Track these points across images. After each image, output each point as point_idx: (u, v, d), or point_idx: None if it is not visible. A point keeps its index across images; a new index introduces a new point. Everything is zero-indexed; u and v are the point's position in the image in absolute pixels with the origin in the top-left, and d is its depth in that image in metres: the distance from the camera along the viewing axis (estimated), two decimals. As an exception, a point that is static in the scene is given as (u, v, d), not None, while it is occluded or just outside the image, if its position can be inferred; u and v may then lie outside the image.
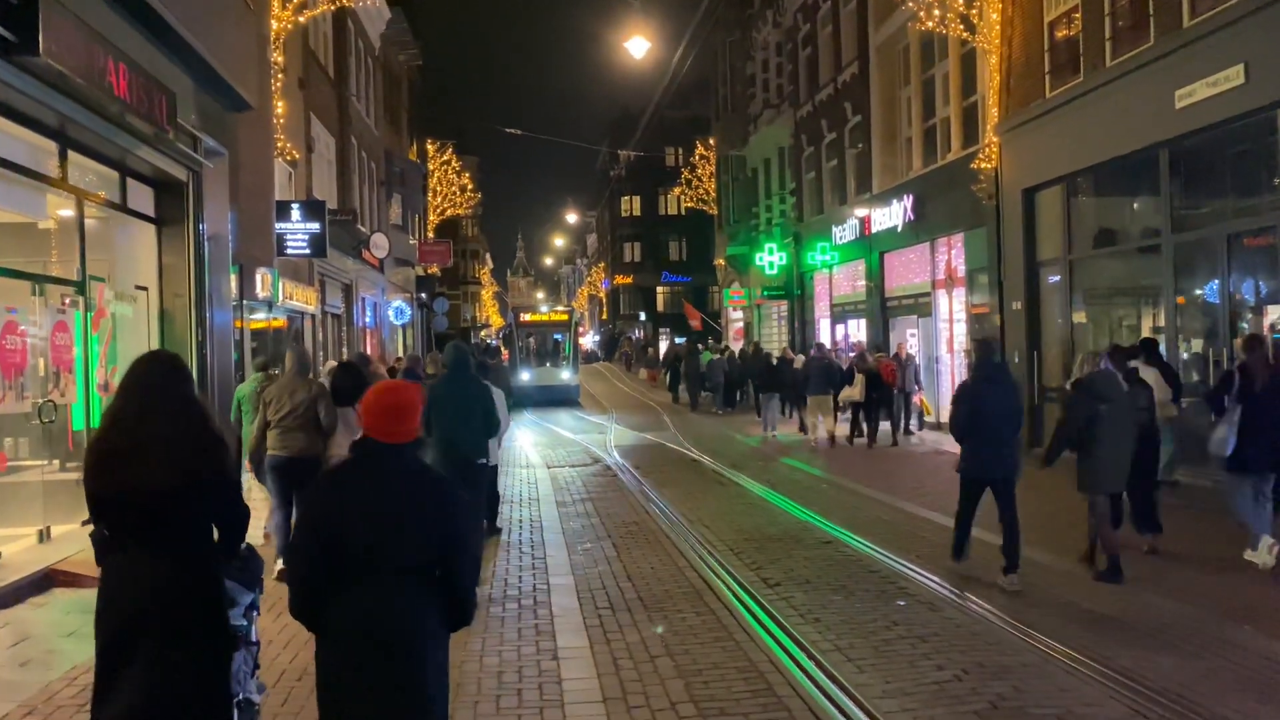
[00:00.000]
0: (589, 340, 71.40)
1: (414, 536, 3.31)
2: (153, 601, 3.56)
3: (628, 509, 11.88)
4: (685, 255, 65.86)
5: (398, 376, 10.92)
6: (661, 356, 42.49)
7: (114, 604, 3.62)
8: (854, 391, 17.95)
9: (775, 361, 21.57)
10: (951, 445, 10.44)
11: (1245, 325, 12.02)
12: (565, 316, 34.16)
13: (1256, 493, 8.10)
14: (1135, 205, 14.55)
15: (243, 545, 4.06)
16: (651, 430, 22.04)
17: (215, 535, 3.90)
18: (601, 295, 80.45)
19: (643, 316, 69.36)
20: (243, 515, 4.02)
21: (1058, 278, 15.83)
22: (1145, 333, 13.27)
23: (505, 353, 33.78)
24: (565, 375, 31.34)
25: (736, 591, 7.70)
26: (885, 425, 18.27)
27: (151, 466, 3.57)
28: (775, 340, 31.03)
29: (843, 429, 18.69)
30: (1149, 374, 9.29)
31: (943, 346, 20.19)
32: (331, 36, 23.57)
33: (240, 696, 4.05)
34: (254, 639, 4.24)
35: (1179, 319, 12.95)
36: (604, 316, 79.39)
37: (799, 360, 20.02)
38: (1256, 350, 8.29)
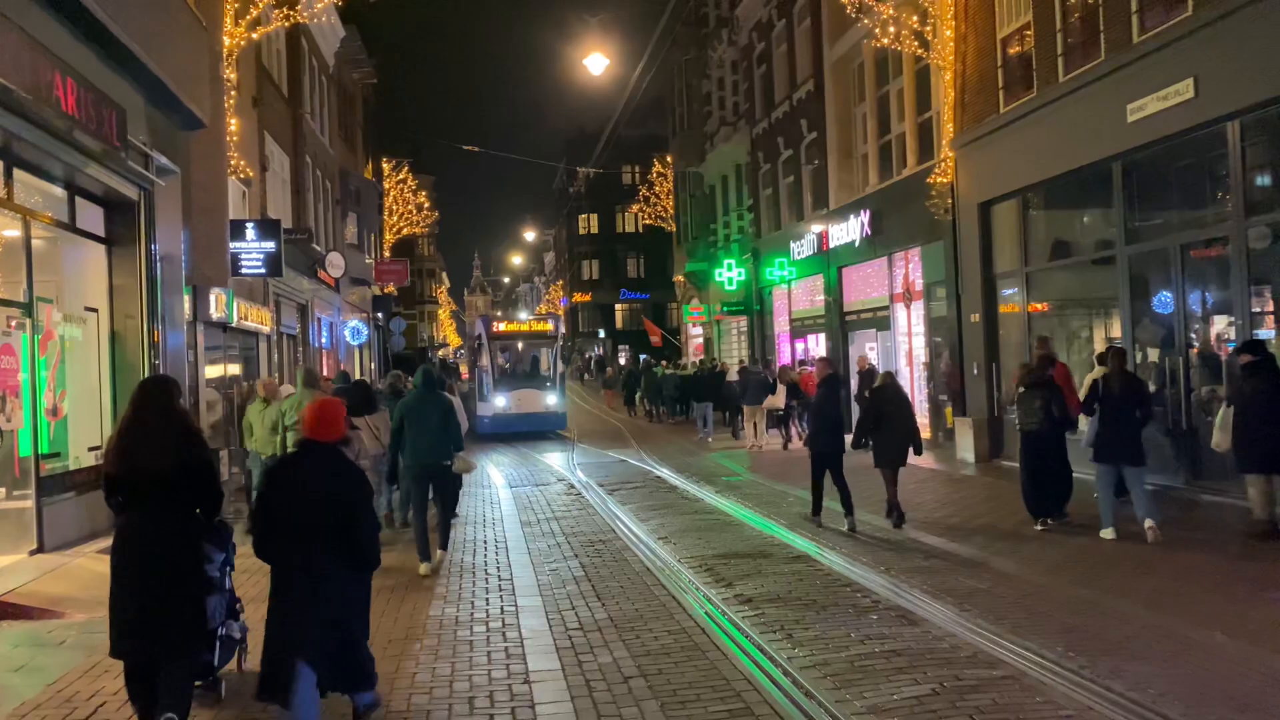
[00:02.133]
0: None
1: (333, 505, 5.02)
2: (149, 547, 4.98)
3: (593, 527, 11.76)
4: (643, 272, 66.03)
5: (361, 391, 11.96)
6: (618, 373, 42.40)
7: (122, 549, 5.07)
8: (776, 400, 20.44)
9: (705, 374, 26.20)
10: (911, 458, 11.39)
11: (1194, 336, 12.25)
12: (548, 327, 27.24)
13: (1121, 481, 9.64)
14: (1089, 218, 14.78)
15: (216, 518, 5.43)
16: (614, 446, 21.93)
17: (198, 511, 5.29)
18: (560, 313, 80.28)
19: (602, 334, 69.30)
20: (217, 492, 5.32)
21: (1014, 290, 16.01)
22: (1100, 343, 13.47)
23: (465, 371, 32.83)
24: (550, 400, 24.93)
25: (708, 609, 7.62)
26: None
27: (152, 454, 5.02)
28: (735, 356, 31.09)
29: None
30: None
31: (901, 360, 20.33)
32: (285, 54, 23.29)
33: (222, 632, 5.56)
34: (228, 587, 5.71)
35: (1134, 329, 13.13)
36: (564, 333, 79.18)
37: (732, 373, 24.22)
38: (1116, 362, 9.88)
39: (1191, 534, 9.56)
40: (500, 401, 24.39)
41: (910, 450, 11.01)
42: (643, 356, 41.19)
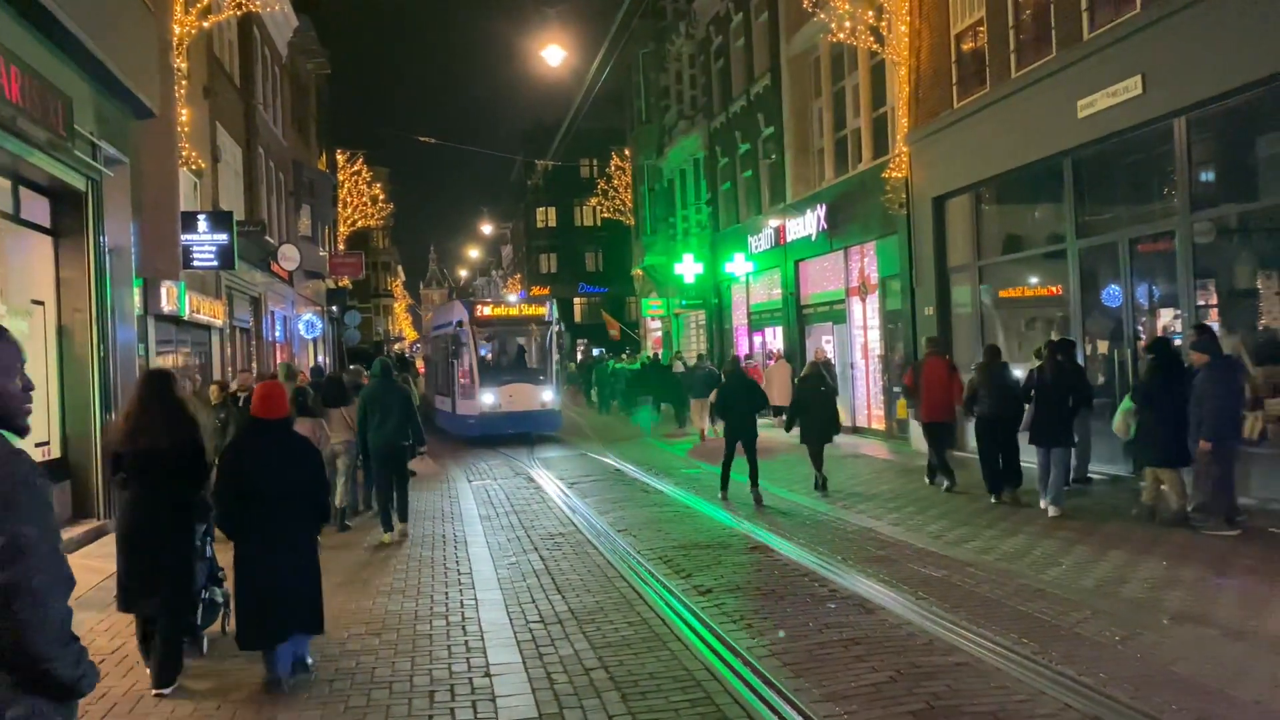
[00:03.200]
0: None
1: (287, 475, 5.83)
2: (147, 516, 5.75)
3: (554, 520, 11.75)
4: (602, 266, 65.89)
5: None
6: (578, 368, 42.31)
7: (124, 518, 5.97)
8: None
9: (651, 368, 26.90)
10: (866, 449, 11.29)
11: (1142, 329, 12.51)
12: (542, 311, 22.93)
13: (1050, 460, 10.59)
14: (1041, 212, 15.01)
15: (201, 491, 6.06)
16: (573, 439, 21.89)
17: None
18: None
19: (561, 327, 69.01)
20: (204, 470, 6.04)
21: (967, 283, 16.23)
22: (1053, 334, 13.69)
23: (421, 366, 32.33)
24: (545, 396, 21.60)
25: (668, 600, 7.65)
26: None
27: (152, 435, 5.81)
28: (695, 348, 31.19)
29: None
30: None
31: (857, 352, 20.54)
32: (237, 44, 22.91)
33: (205, 597, 6.27)
34: (209, 555, 6.41)
35: (1085, 321, 13.37)
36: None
37: (677, 366, 25.03)
38: (1049, 353, 10.94)
39: (1136, 523, 9.77)
40: (488, 399, 20.83)
41: (832, 431, 13.04)
42: (596, 351, 41.17)
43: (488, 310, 22.78)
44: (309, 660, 6.01)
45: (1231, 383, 9.28)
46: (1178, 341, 10.92)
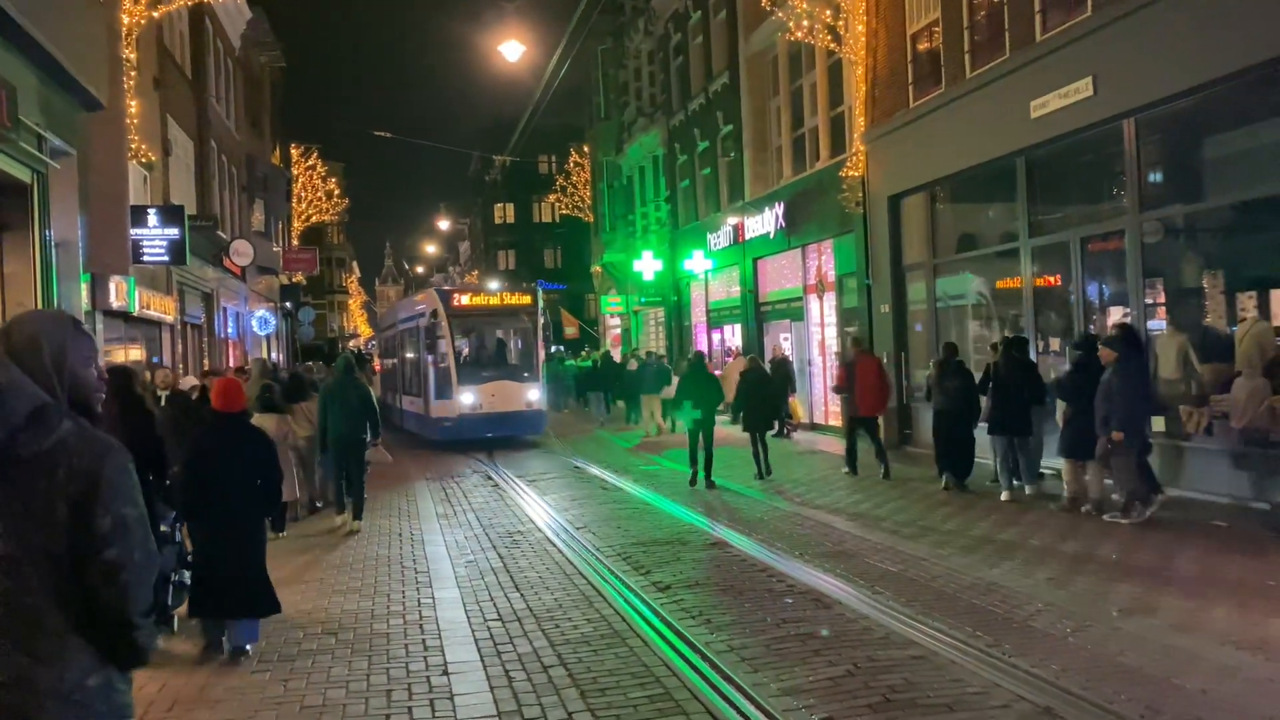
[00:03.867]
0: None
1: (245, 464, 6.35)
2: None
3: (512, 518, 11.69)
4: (561, 263, 65.67)
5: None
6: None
7: None
8: (671, 389, 20.78)
9: (602, 365, 27.41)
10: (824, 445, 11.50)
11: (1093, 327, 12.73)
12: (526, 300, 21.08)
13: (1007, 449, 11.27)
14: (994, 211, 15.21)
15: (167, 482, 6.71)
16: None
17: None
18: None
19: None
20: (167, 461, 6.69)
21: (922, 281, 16.42)
22: (1007, 332, 13.88)
23: (377, 364, 31.50)
24: (531, 395, 19.77)
25: (627, 597, 7.65)
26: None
27: (111, 428, 6.70)
28: (655, 346, 31.21)
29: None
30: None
31: (814, 350, 20.69)
32: (188, 35, 22.51)
33: (175, 579, 6.79)
34: (178, 540, 6.93)
35: (1037, 318, 13.58)
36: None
37: (633, 364, 24.73)
38: (1004, 348, 11.55)
39: (1087, 515, 9.95)
40: (467, 399, 19.04)
41: (774, 421, 14.53)
42: (554, 348, 40.99)
43: (466, 299, 20.61)
44: (248, 645, 6.37)
45: (1137, 379, 9.67)
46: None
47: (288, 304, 36.40)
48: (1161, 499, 9.70)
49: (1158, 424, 11.17)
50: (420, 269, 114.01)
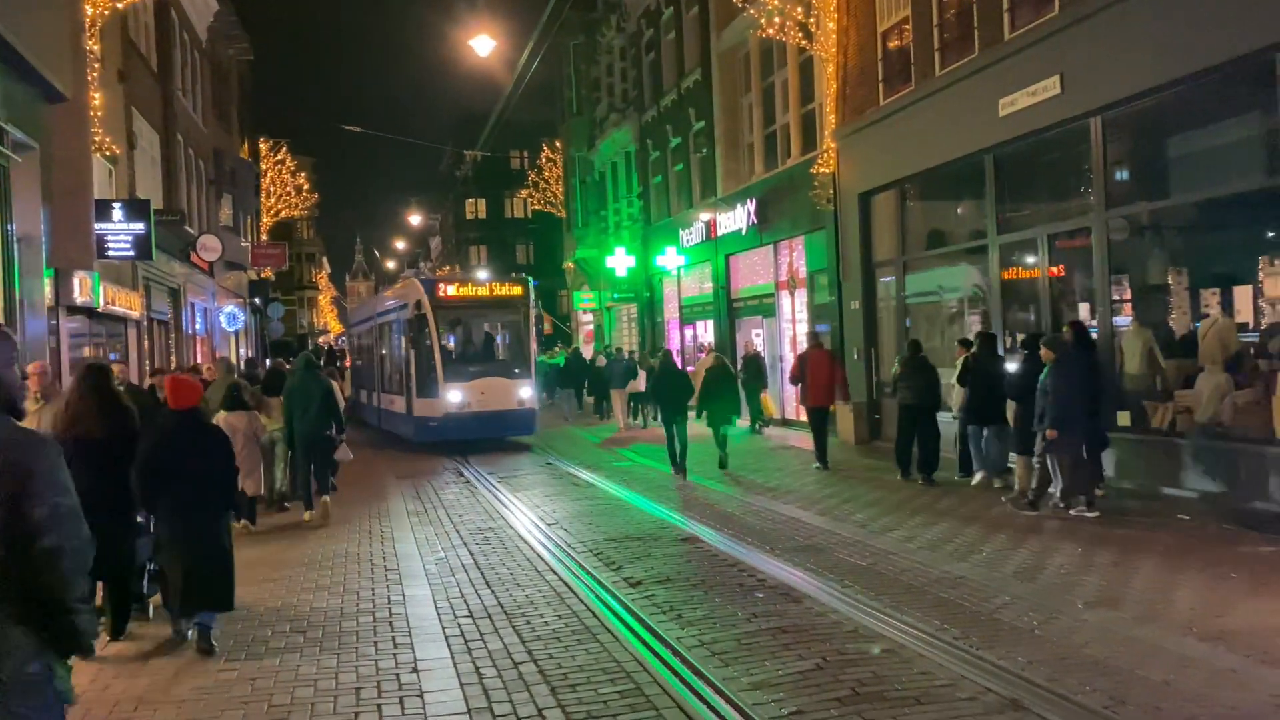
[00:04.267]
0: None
1: (201, 457, 6.54)
2: (91, 497, 5.93)
3: (482, 514, 11.65)
4: (533, 258, 65.49)
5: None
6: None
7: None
8: (637, 384, 22.14)
9: (571, 362, 27.56)
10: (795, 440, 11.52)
11: (1062, 322, 12.86)
12: (517, 292, 19.61)
13: (984, 437, 11.77)
14: (963, 208, 15.34)
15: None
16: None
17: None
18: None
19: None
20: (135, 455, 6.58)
21: (891, 278, 16.52)
22: (975, 327, 14.02)
23: (349, 358, 31.08)
24: (522, 393, 18.59)
25: (598, 592, 7.65)
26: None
27: (89, 424, 6.47)
28: (626, 342, 31.21)
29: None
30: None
31: (786, 346, 20.77)
32: (153, 26, 22.20)
33: (151, 568, 7.01)
34: (152, 531, 6.87)
35: (1005, 314, 13.70)
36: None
37: (601, 360, 25.45)
38: (982, 342, 11.94)
39: (1056, 512, 10.07)
40: (454, 396, 17.81)
41: (734, 416, 14.60)
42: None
43: (452, 290, 19.19)
44: (212, 634, 6.45)
45: (1073, 378, 9.84)
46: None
47: (257, 300, 36.04)
48: (1100, 494, 10.07)
49: (1123, 419, 11.33)
50: (391, 264, 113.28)
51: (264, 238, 38.11)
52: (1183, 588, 7.10)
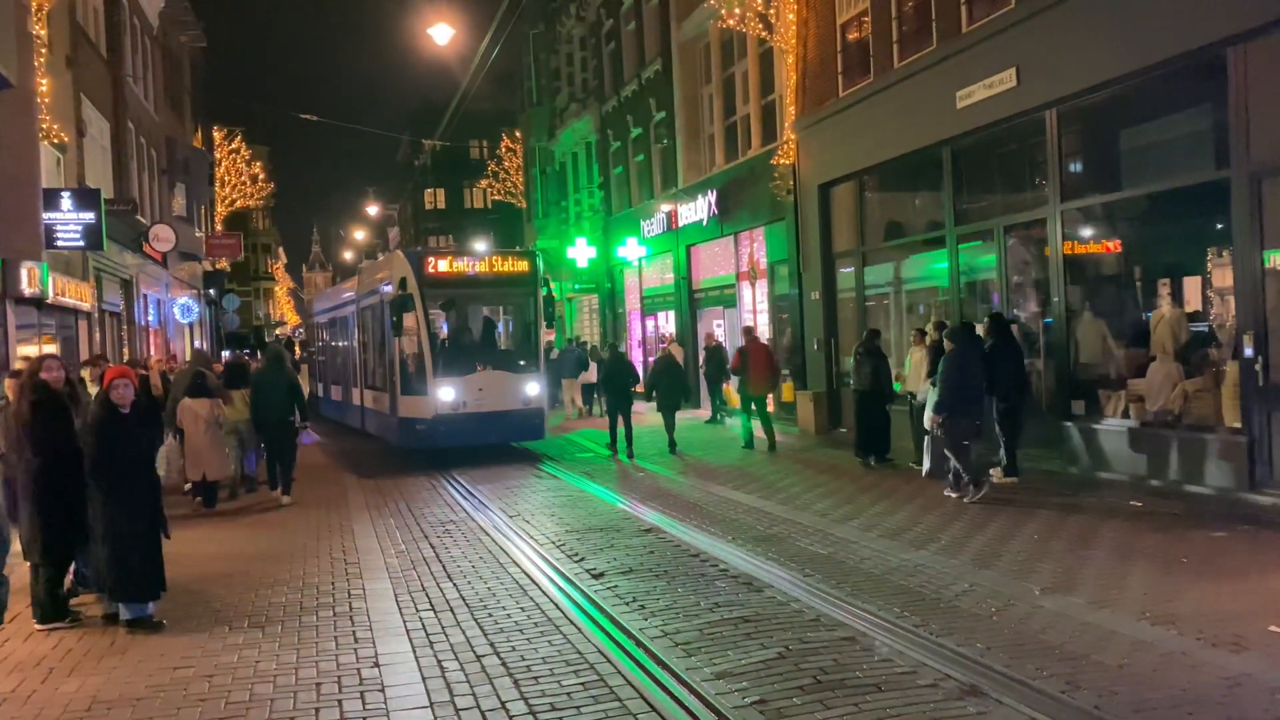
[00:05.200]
0: None
1: (134, 444, 6.89)
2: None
3: (444, 507, 11.58)
4: (493, 249, 65.02)
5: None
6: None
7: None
8: (589, 375, 22.82)
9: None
10: (759, 430, 11.51)
11: (1016, 312, 13.03)
12: (523, 267, 16.67)
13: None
14: (921, 199, 15.47)
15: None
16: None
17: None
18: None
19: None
20: (90, 445, 6.83)
21: (851, 268, 16.64)
22: (932, 318, 14.16)
23: (298, 349, 30.42)
24: (528, 390, 15.75)
25: (561, 584, 7.64)
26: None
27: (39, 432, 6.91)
28: (588, 333, 31.14)
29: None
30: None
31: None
32: (103, 11, 21.71)
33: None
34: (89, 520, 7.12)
35: (961, 305, 13.85)
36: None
37: (554, 352, 25.13)
38: (957, 335, 11.39)
39: (1011, 496, 10.23)
40: (446, 394, 14.99)
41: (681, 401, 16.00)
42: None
43: (444, 265, 15.96)
44: (124, 617, 6.75)
45: (964, 367, 10.45)
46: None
47: (211, 291, 35.46)
48: (988, 482, 10.47)
49: (1077, 407, 11.52)
50: (349, 255, 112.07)
51: (218, 228, 37.51)
52: (1135, 573, 7.23)
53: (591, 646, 6.10)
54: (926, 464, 11.66)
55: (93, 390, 13.04)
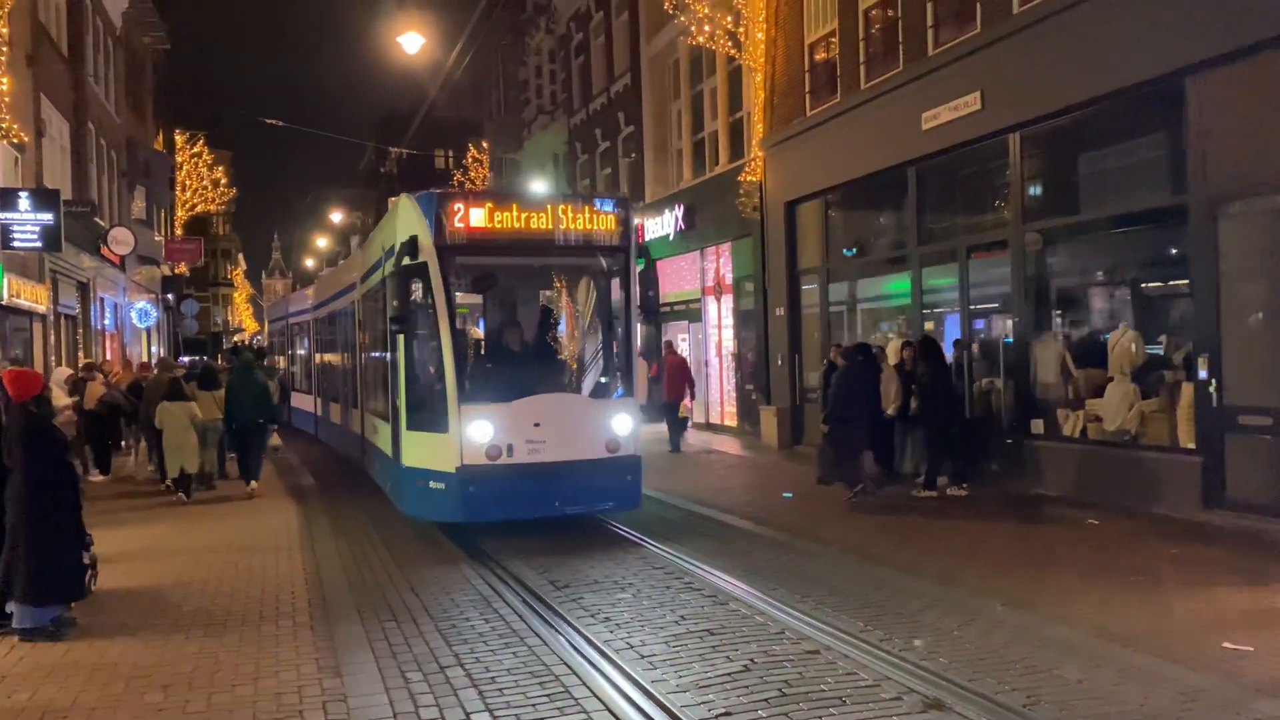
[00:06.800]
0: None
1: (23, 450, 6.73)
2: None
3: (406, 519, 11.46)
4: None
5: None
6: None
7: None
8: None
9: None
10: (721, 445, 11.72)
11: (979, 331, 13.22)
12: (609, 224, 10.08)
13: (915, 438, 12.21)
14: (885, 219, 15.66)
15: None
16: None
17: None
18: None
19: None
20: (51, 450, 6.95)
21: (815, 285, 16.77)
22: (896, 336, 14.32)
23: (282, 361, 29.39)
24: (615, 426, 9.74)
25: (526, 597, 7.60)
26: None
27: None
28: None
29: None
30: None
31: (711, 350, 20.93)
32: (65, 10, 21.42)
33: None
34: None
35: (924, 324, 14.01)
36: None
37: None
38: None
39: (970, 510, 10.34)
40: (480, 432, 9.29)
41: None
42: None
43: (481, 216, 9.58)
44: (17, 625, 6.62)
45: (853, 383, 11.41)
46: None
47: (169, 296, 34.95)
48: (861, 488, 11.24)
49: (1036, 426, 11.69)
50: (310, 262, 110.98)
51: (178, 232, 37.01)
52: (1093, 590, 7.34)
53: (557, 658, 6.06)
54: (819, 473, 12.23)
55: (62, 401, 13.15)
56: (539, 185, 25.34)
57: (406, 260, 9.45)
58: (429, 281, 9.50)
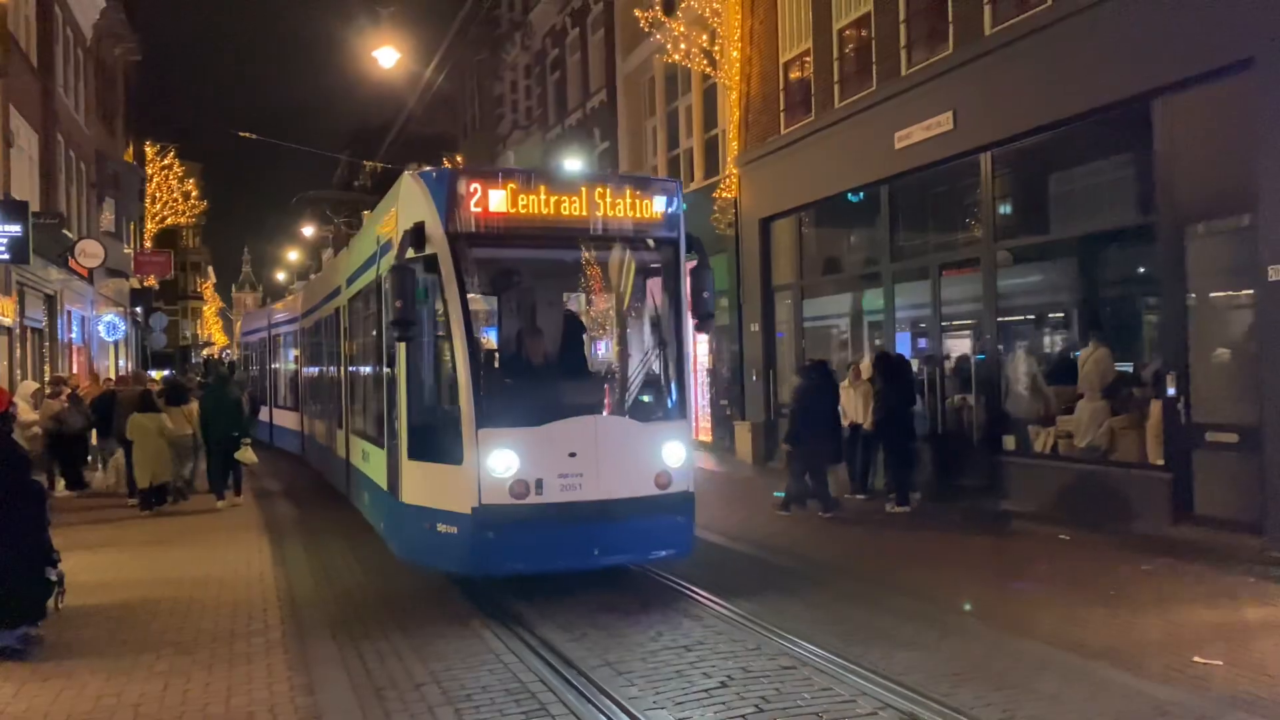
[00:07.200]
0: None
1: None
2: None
3: (379, 538, 11.36)
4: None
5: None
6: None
7: None
8: None
9: None
10: (700, 461, 11.86)
11: (949, 349, 13.32)
12: (654, 212, 8.41)
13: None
14: (859, 236, 15.79)
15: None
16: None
17: None
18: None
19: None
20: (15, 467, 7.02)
21: (790, 301, 16.87)
22: (867, 352, 14.41)
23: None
24: (666, 455, 8.01)
25: (502, 616, 7.55)
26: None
27: None
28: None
29: None
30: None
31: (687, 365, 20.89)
32: (34, 21, 21.20)
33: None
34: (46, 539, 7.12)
35: (896, 340, 14.11)
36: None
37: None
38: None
39: (944, 524, 10.41)
40: (502, 462, 7.54)
41: None
42: None
43: (501, 199, 7.96)
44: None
45: (809, 402, 11.80)
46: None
47: (138, 309, 34.55)
48: (812, 504, 11.63)
49: (1008, 443, 11.79)
50: (281, 275, 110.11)
51: (148, 245, 36.66)
52: (1065, 605, 7.41)
53: (533, 675, 6.04)
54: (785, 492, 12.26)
55: (28, 416, 13.22)
56: (572, 162, 22.00)
57: (411, 252, 7.80)
58: (439, 277, 7.81)
